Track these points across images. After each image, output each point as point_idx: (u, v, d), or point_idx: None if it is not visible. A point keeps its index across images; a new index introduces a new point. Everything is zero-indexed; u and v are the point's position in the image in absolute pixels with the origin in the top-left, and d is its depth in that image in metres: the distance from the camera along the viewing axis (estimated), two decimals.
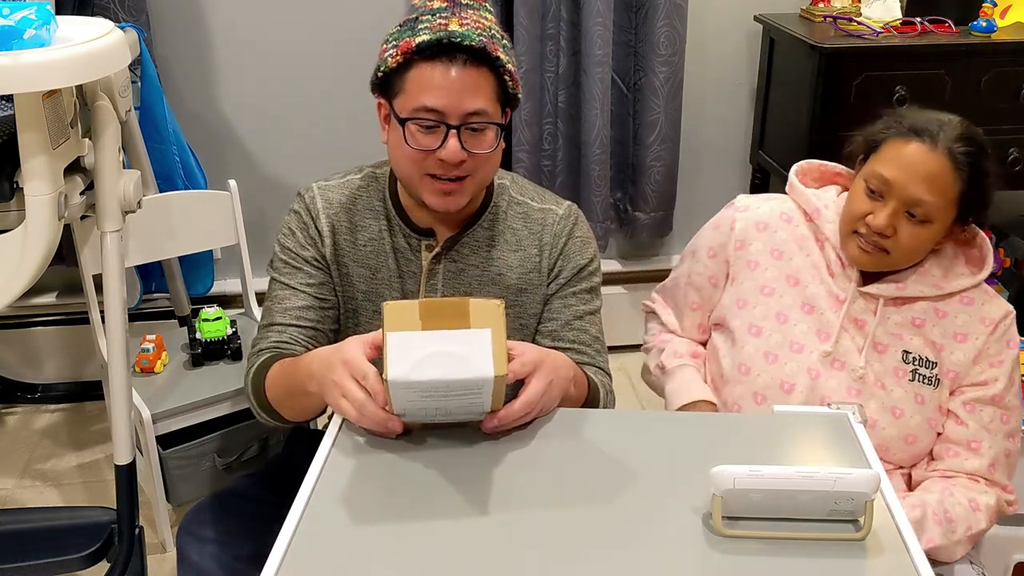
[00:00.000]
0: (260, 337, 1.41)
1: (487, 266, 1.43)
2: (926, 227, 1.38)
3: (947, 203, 1.37)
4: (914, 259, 1.43)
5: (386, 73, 1.31)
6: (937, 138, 1.36)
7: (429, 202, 1.33)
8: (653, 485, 1.07)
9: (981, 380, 1.45)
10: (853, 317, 1.46)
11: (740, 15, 2.66)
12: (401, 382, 1.01)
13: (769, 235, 1.52)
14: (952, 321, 1.45)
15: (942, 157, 1.35)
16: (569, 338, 1.44)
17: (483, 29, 1.27)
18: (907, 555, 0.96)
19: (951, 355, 1.44)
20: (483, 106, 1.28)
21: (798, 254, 1.51)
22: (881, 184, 1.38)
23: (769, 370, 1.46)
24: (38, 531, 1.75)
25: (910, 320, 1.46)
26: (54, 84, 1.38)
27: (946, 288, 1.45)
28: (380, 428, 1.12)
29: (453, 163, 1.28)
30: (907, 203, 1.36)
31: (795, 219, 1.53)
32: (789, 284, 1.49)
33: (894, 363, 1.44)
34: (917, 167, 1.35)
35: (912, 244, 1.39)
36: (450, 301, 1.05)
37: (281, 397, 1.32)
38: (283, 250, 1.44)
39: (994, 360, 1.45)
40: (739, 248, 1.53)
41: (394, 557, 0.95)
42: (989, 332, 1.44)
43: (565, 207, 1.47)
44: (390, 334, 1.02)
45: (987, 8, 2.33)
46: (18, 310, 2.61)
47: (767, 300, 1.50)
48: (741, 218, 1.55)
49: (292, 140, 2.65)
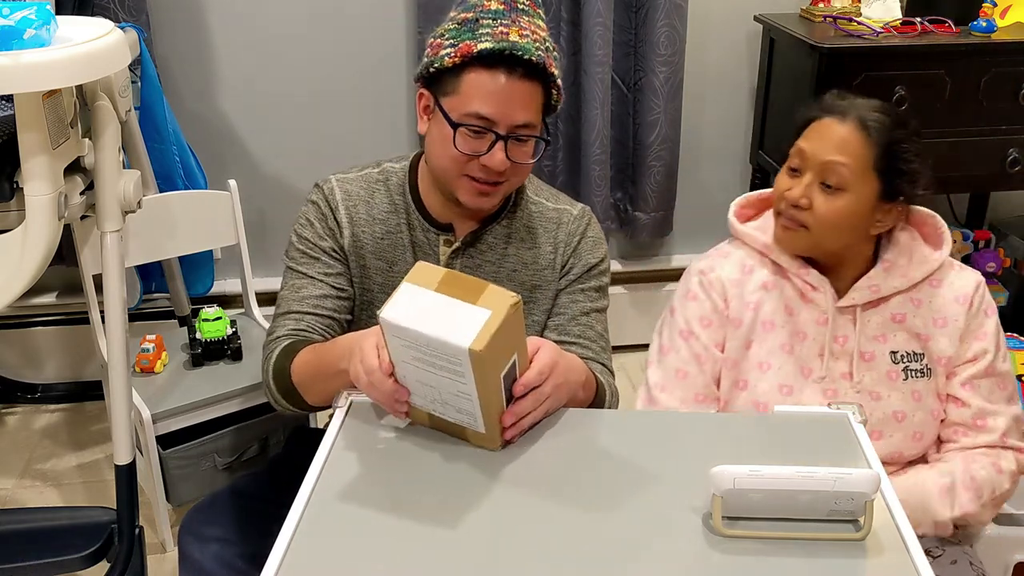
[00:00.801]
0: (276, 325, 1.42)
1: (503, 262, 1.45)
2: (840, 196, 1.37)
3: (860, 169, 1.37)
4: (835, 235, 1.40)
5: (439, 70, 1.31)
6: (848, 111, 1.39)
7: (463, 200, 1.36)
8: (653, 485, 1.07)
9: (971, 357, 1.46)
10: (835, 336, 1.45)
11: (740, 15, 2.66)
12: (390, 322, 1.04)
13: (741, 290, 1.49)
14: (928, 307, 1.46)
15: (852, 124, 1.38)
16: (575, 333, 1.45)
17: (540, 41, 1.31)
18: (907, 555, 0.96)
19: (936, 344, 1.45)
20: (531, 119, 1.32)
21: (767, 296, 1.48)
22: (798, 158, 1.41)
23: None
24: (38, 531, 1.75)
25: (889, 318, 1.46)
26: (54, 84, 1.38)
27: (915, 276, 1.45)
28: (385, 399, 1.13)
29: (496, 171, 1.32)
30: (821, 171, 1.38)
31: (755, 265, 1.50)
32: (764, 330, 1.47)
33: (885, 368, 1.45)
34: (827, 135, 1.39)
35: (829, 216, 1.38)
36: (473, 279, 1.08)
37: (308, 379, 1.33)
38: (300, 240, 1.45)
39: (978, 333, 1.46)
40: (724, 308, 1.49)
41: (394, 557, 0.95)
42: (966, 310, 1.46)
43: (579, 208, 1.51)
44: (404, 283, 1.08)
45: (987, 8, 2.33)
46: (18, 310, 2.61)
47: (748, 354, 1.48)
48: (713, 279, 1.50)
49: (292, 140, 2.65)
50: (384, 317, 1.05)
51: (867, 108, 1.40)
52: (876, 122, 1.38)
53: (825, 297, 1.45)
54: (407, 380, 1.11)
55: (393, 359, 1.10)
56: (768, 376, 1.46)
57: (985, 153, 2.36)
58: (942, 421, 1.47)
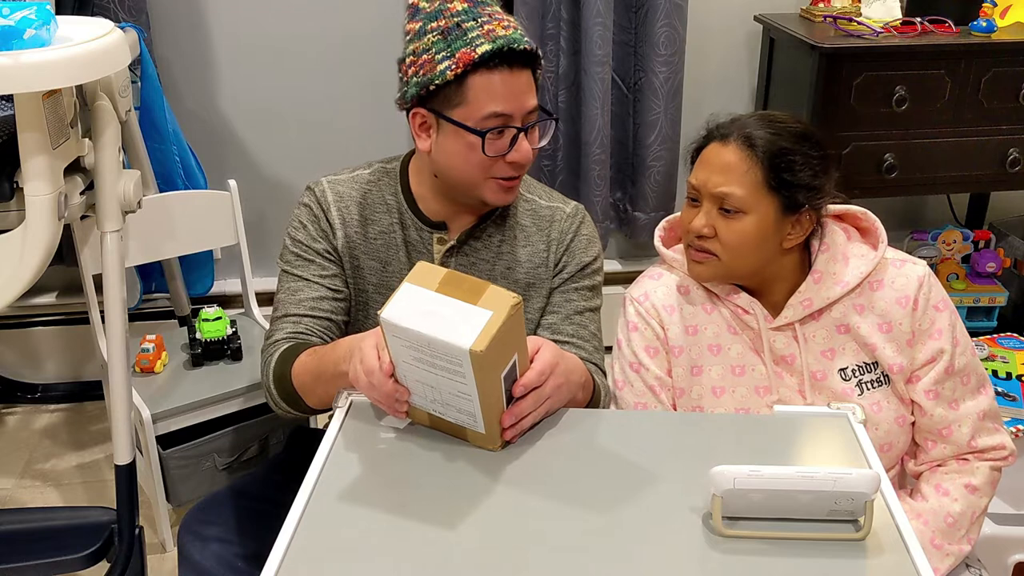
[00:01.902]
0: (274, 328, 1.42)
1: (497, 261, 1.45)
2: (742, 219, 1.33)
3: (753, 189, 1.32)
4: (747, 257, 1.36)
5: (439, 85, 1.30)
6: (729, 132, 1.35)
7: (491, 200, 1.38)
8: (653, 485, 1.07)
9: (929, 358, 1.40)
10: (780, 356, 1.41)
11: (740, 15, 2.66)
12: (390, 322, 1.04)
13: (678, 315, 1.44)
14: (872, 312, 1.40)
15: (733, 147, 1.33)
16: (568, 332, 1.45)
17: (517, 27, 1.32)
18: (907, 555, 0.96)
19: (885, 351, 1.39)
20: (536, 102, 1.34)
21: (707, 320, 1.44)
22: (692, 191, 1.38)
23: None
24: (38, 531, 1.75)
25: (834, 329, 1.40)
26: (54, 84, 1.38)
27: (851, 281, 1.38)
28: (385, 400, 1.13)
29: (524, 163, 1.34)
30: (715, 200, 1.34)
31: (690, 287, 1.45)
32: (712, 354, 1.43)
33: (839, 387, 1.40)
34: (713, 163, 1.35)
35: (735, 240, 1.34)
36: (473, 279, 1.08)
37: (309, 383, 1.33)
38: (294, 243, 1.45)
39: (931, 332, 1.39)
40: (664, 335, 1.45)
41: (394, 556, 0.95)
42: (911, 311, 1.39)
43: (572, 206, 1.50)
44: (406, 283, 1.08)
45: (987, 8, 2.33)
46: (18, 310, 2.61)
47: (699, 380, 1.44)
48: (647, 307, 1.45)
49: (292, 140, 2.65)
50: (385, 317, 1.05)
51: (754, 123, 1.35)
52: (760, 138, 1.33)
53: (756, 319, 1.40)
54: (407, 380, 1.11)
55: (393, 359, 1.10)
56: (723, 401, 1.42)
57: (985, 153, 2.36)
58: (913, 423, 1.44)
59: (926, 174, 2.38)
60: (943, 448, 1.43)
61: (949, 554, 1.40)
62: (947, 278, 2.67)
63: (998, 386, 1.91)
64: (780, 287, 1.40)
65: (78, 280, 2.09)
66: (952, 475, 1.42)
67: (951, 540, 1.40)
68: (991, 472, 1.43)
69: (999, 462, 1.44)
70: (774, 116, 1.37)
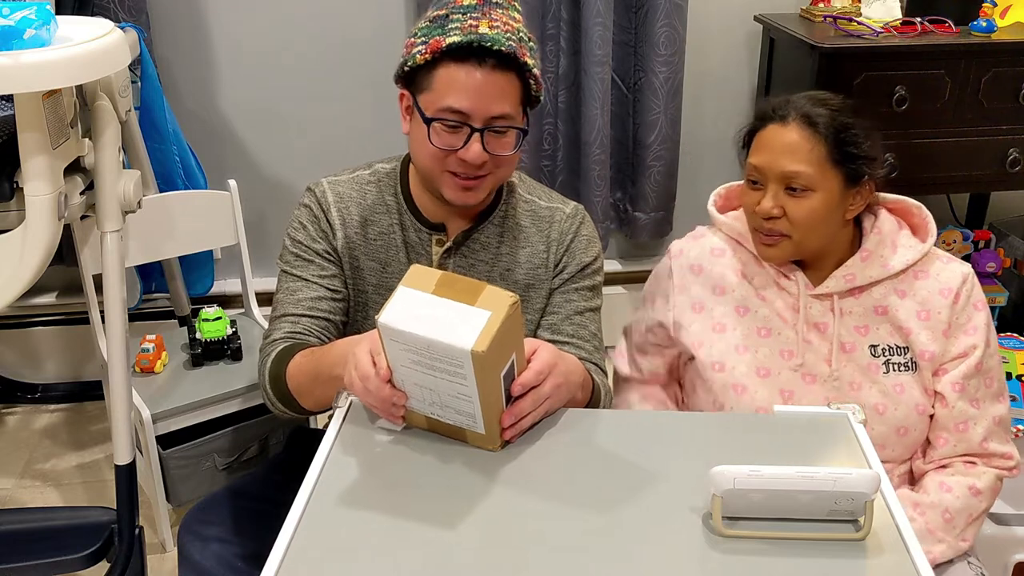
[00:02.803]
0: (273, 328, 1.42)
1: (496, 262, 1.45)
2: (811, 196, 1.38)
3: (819, 167, 1.37)
4: (816, 233, 1.41)
5: (412, 68, 1.32)
6: (787, 112, 1.39)
7: (448, 196, 1.35)
8: (653, 485, 1.07)
9: (961, 352, 1.43)
10: (814, 323, 1.45)
11: (740, 15, 2.65)
12: (388, 326, 1.04)
13: (706, 276, 1.51)
14: (912, 299, 1.44)
15: (795, 126, 1.38)
16: (568, 332, 1.45)
17: (512, 32, 1.29)
18: (907, 555, 0.96)
19: (919, 336, 1.43)
20: (507, 110, 1.31)
21: (740, 284, 1.49)
22: (755, 173, 1.41)
23: (741, 401, 1.45)
24: (38, 531, 1.75)
25: (872, 309, 1.45)
26: (54, 84, 1.38)
27: (895, 265, 1.44)
28: (382, 405, 1.12)
29: (475, 164, 1.31)
30: (782, 179, 1.38)
31: (727, 251, 1.52)
32: (739, 315, 1.48)
33: (865, 360, 1.44)
34: (775, 144, 1.39)
35: (807, 218, 1.38)
36: (471, 280, 1.07)
37: (304, 385, 1.33)
38: (294, 243, 1.45)
39: (967, 328, 1.44)
40: (680, 293, 1.52)
41: (394, 556, 0.95)
42: (951, 303, 1.43)
43: (572, 206, 1.50)
44: (401, 287, 1.07)
45: (987, 8, 2.33)
46: (18, 310, 2.61)
47: (722, 336, 1.48)
48: (676, 265, 1.54)
49: (292, 140, 2.65)
50: (382, 322, 1.04)
51: (806, 103, 1.40)
52: (819, 116, 1.37)
53: (797, 284, 1.45)
54: (404, 384, 1.11)
55: (390, 363, 1.10)
56: (745, 359, 1.46)
57: (985, 153, 2.36)
58: (931, 417, 1.46)
59: (926, 174, 2.37)
60: (955, 445, 1.44)
61: (943, 541, 1.40)
62: None
63: None
64: (828, 261, 1.45)
65: (78, 280, 2.08)
66: (957, 476, 1.43)
67: (947, 534, 1.41)
68: (995, 480, 1.44)
69: (1004, 471, 1.46)
70: (822, 95, 1.42)
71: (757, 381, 1.45)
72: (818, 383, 1.43)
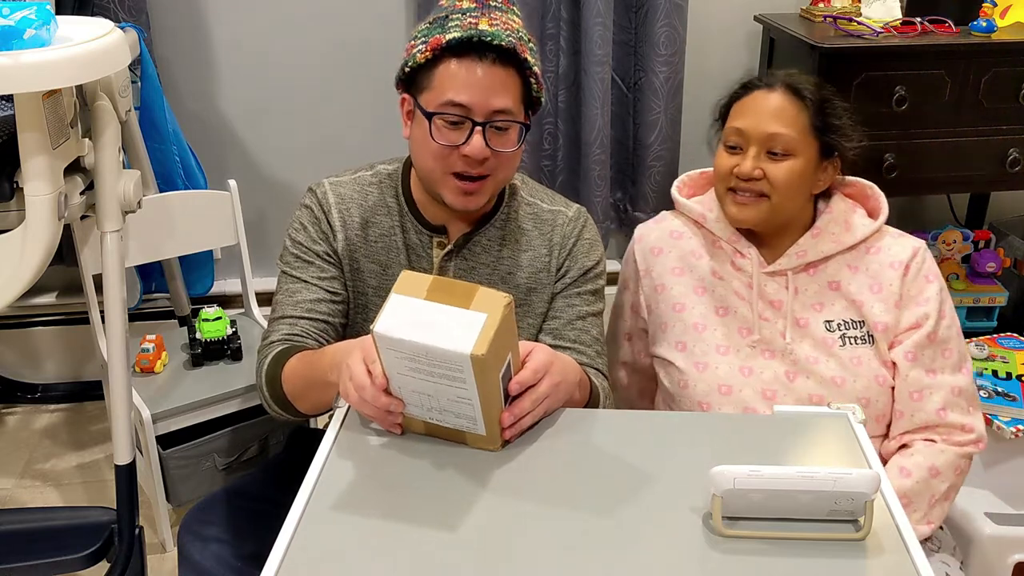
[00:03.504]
0: (271, 330, 1.42)
1: (497, 265, 1.45)
2: (791, 160, 1.43)
3: (801, 132, 1.43)
4: (793, 197, 1.45)
5: (413, 69, 1.32)
6: (773, 81, 1.47)
7: (449, 200, 1.35)
8: (653, 485, 1.07)
9: (913, 323, 1.46)
10: (769, 301, 1.48)
11: (740, 15, 2.66)
12: (385, 336, 1.03)
13: (665, 256, 1.57)
14: (865, 274, 1.48)
15: (781, 92, 1.45)
16: (570, 337, 1.44)
17: (512, 31, 1.30)
18: (907, 555, 0.96)
19: (872, 309, 1.46)
20: (508, 105, 1.31)
21: (697, 264, 1.54)
22: (737, 136, 1.46)
23: (703, 378, 1.48)
24: (38, 531, 1.75)
25: (826, 285, 1.48)
26: (54, 84, 1.38)
27: (847, 240, 1.48)
28: (379, 414, 1.12)
29: (477, 160, 1.31)
30: (765, 142, 1.43)
31: (685, 233, 1.57)
32: (698, 295, 1.53)
33: (820, 334, 1.46)
34: (762, 108, 1.45)
35: (785, 179, 1.42)
36: (462, 283, 1.07)
37: (300, 389, 1.33)
38: (294, 244, 1.45)
39: (918, 299, 1.47)
40: (644, 276, 1.58)
41: (394, 557, 0.95)
42: (902, 275, 1.47)
43: (575, 209, 1.50)
44: (393, 294, 1.06)
45: (987, 8, 2.33)
46: (18, 310, 2.61)
47: (681, 316, 1.53)
48: (639, 248, 1.61)
49: (292, 140, 2.65)
50: (378, 331, 1.03)
51: (787, 75, 1.46)
52: (805, 86, 1.44)
53: (751, 263, 1.49)
54: (402, 391, 1.10)
55: (386, 372, 1.09)
56: (705, 336, 1.50)
57: (985, 153, 2.36)
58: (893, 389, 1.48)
59: (926, 174, 2.37)
60: (912, 416, 1.45)
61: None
62: (947, 278, 2.67)
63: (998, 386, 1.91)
64: (784, 240, 1.49)
65: (78, 280, 2.08)
66: (917, 456, 1.44)
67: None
68: (957, 458, 1.45)
69: (967, 446, 1.46)
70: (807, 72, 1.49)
71: (719, 358, 1.48)
72: (776, 358, 1.46)
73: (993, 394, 1.89)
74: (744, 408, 1.45)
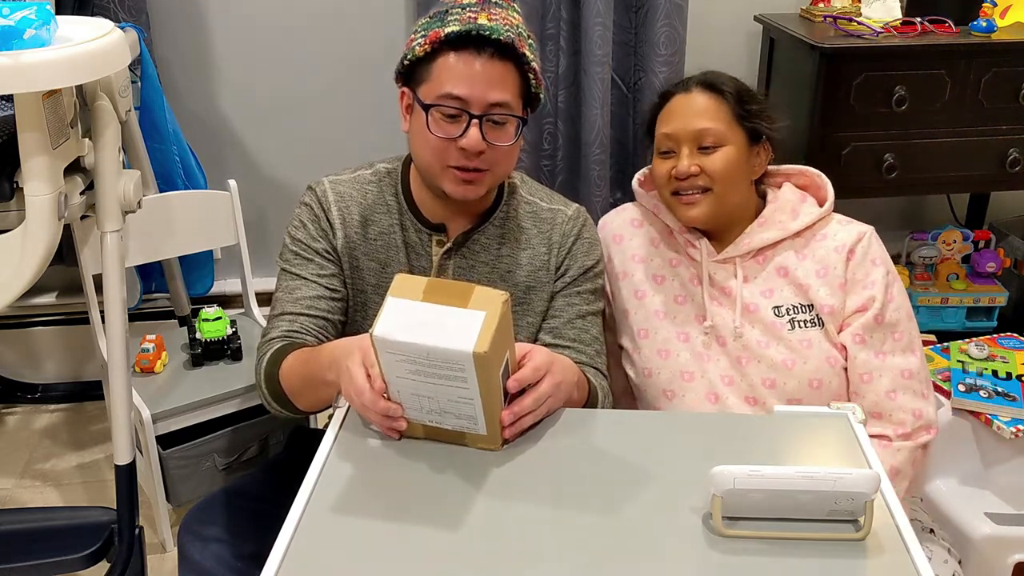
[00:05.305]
0: (270, 327, 1.42)
1: (496, 263, 1.45)
2: (723, 150, 1.46)
3: (726, 123, 1.47)
4: (735, 185, 1.48)
5: (412, 62, 1.33)
6: (688, 84, 1.51)
7: (448, 190, 1.36)
8: (653, 485, 1.07)
9: (860, 306, 1.48)
10: (720, 287, 1.51)
11: (740, 15, 2.66)
12: (384, 339, 1.03)
13: (625, 244, 1.60)
14: (811, 259, 1.50)
15: (700, 91, 1.50)
16: (570, 336, 1.44)
17: (511, 26, 1.31)
18: (907, 555, 0.96)
19: (819, 292, 1.48)
20: (506, 99, 1.31)
21: (655, 252, 1.58)
22: (668, 141, 1.49)
23: (667, 365, 1.51)
24: (38, 531, 1.75)
25: (774, 272, 1.51)
26: (54, 84, 1.38)
27: (794, 227, 1.51)
28: (378, 418, 1.12)
29: (473, 152, 1.31)
30: (695, 139, 1.46)
31: (644, 222, 1.61)
32: (656, 283, 1.56)
33: (769, 320, 1.48)
34: (686, 109, 1.49)
35: (723, 168, 1.46)
36: (458, 283, 1.07)
37: (298, 386, 1.33)
38: (294, 242, 1.45)
39: (865, 283, 1.48)
40: (608, 262, 1.61)
41: (394, 557, 0.95)
42: (846, 259, 1.49)
43: (574, 209, 1.50)
44: (390, 298, 1.06)
45: (987, 8, 2.33)
46: (18, 310, 2.61)
47: (643, 303, 1.56)
48: (603, 236, 1.62)
49: (292, 140, 2.65)
50: (377, 335, 1.03)
51: (704, 75, 1.52)
52: (720, 81, 1.49)
53: (700, 252, 1.52)
54: (401, 395, 1.10)
55: (385, 376, 1.09)
56: (665, 324, 1.53)
57: (985, 153, 2.36)
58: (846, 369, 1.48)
59: (926, 174, 2.37)
60: (862, 399, 1.46)
61: None
62: (947, 278, 2.67)
63: (998, 386, 1.91)
64: (733, 231, 1.53)
65: (78, 280, 2.08)
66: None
67: None
68: (912, 452, 1.45)
69: (920, 436, 1.46)
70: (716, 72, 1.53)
71: (679, 345, 1.51)
72: (728, 344, 1.49)
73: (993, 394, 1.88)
74: (706, 394, 1.48)
